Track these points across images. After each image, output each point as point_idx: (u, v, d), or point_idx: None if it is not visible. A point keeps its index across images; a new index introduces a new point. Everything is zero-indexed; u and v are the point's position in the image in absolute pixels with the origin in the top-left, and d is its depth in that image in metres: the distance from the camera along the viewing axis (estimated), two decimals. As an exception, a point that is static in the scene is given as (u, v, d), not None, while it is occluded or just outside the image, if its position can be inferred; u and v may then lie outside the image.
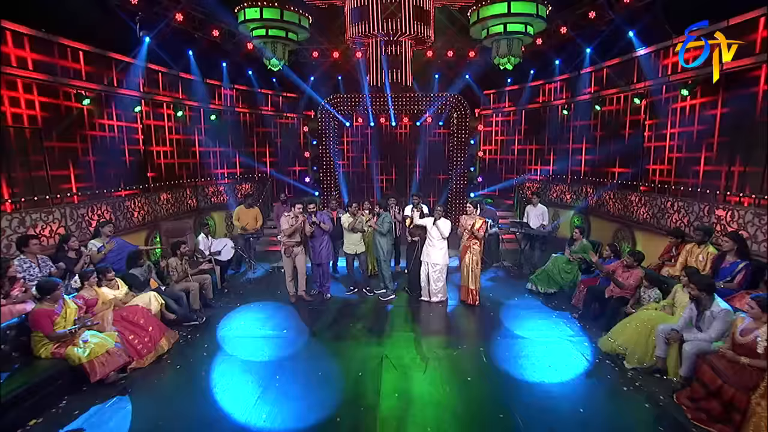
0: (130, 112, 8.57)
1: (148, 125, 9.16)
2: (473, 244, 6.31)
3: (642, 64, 8.33)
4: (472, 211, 6.33)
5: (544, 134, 11.87)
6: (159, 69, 9.16)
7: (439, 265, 6.36)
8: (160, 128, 9.53)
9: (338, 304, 6.44)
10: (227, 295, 6.86)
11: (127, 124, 8.64)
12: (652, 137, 8.61)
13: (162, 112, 9.55)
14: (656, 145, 8.49)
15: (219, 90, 11.04)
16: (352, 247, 6.72)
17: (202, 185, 10.32)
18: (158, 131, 9.45)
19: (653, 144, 8.58)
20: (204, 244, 7.21)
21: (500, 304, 6.41)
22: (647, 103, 8.61)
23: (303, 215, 6.21)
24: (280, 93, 12.86)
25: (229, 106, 11.45)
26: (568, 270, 6.69)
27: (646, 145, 8.73)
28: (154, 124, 9.40)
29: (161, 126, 9.60)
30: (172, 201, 8.91)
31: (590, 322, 5.63)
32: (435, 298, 6.46)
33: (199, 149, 10.59)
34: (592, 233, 9.27)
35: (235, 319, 5.85)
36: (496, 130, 13.26)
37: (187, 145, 10.21)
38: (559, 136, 11.32)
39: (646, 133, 8.73)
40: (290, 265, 6.35)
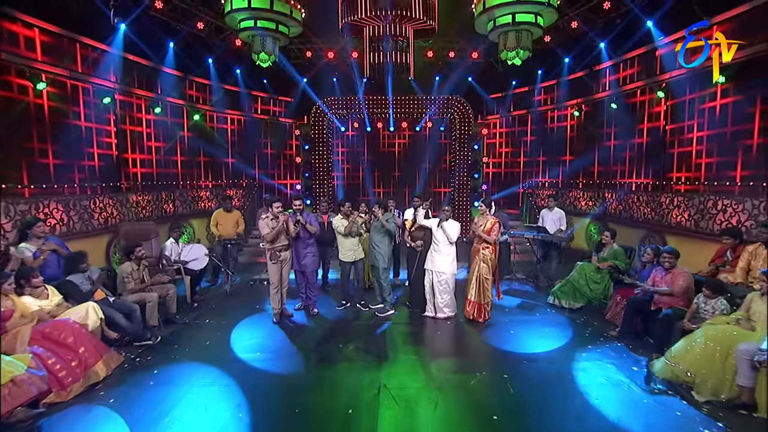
0: (101, 104, 7.66)
1: (123, 119, 8.23)
2: (484, 249, 5.34)
3: (664, 54, 7.59)
4: (484, 210, 5.39)
5: (553, 138, 11.06)
6: (137, 60, 8.33)
7: (446, 275, 5.38)
8: (136, 123, 8.59)
9: (327, 321, 5.41)
10: (196, 310, 5.81)
11: (98, 125, 7.72)
12: (675, 137, 7.79)
13: (140, 106, 8.64)
14: (680, 145, 7.66)
15: (206, 89, 10.23)
16: (350, 253, 5.73)
17: (183, 188, 9.37)
18: (134, 126, 8.51)
19: (677, 150, 7.75)
20: (172, 250, 6.21)
21: (520, 322, 5.39)
22: (668, 96, 7.82)
23: (285, 214, 5.25)
24: (273, 96, 12.08)
25: (220, 107, 10.63)
26: (598, 280, 5.71)
27: (668, 141, 7.91)
28: (130, 117, 8.48)
29: (138, 120, 8.67)
30: (144, 204, 7.93)
31: (634, 341, 4.63)
32: (441, 313, 5.45)
33: (180, 149, 9.66)
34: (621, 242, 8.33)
35: (199, 338, 4.80)
36: (501, 132, 12.45)
37: (168, 145, 9.27)
38: (572, 139, 10.53)
39: (668, 128, 7.91)
40: (277, 273, 5.33)
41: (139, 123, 8.63)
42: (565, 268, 7.36)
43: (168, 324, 5.16)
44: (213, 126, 10.58)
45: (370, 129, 12.80)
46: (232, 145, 11.18)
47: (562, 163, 10.80)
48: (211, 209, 8.86)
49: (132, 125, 8.46)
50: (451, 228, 5.34)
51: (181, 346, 4.53)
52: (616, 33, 8.76)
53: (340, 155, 13.17)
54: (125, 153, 8.29)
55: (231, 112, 11.07)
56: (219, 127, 10.80)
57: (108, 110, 7.81)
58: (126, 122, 8.25)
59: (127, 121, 8.30)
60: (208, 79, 10.22)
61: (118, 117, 8.00)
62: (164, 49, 8.83)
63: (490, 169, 12.61)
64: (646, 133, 8.53)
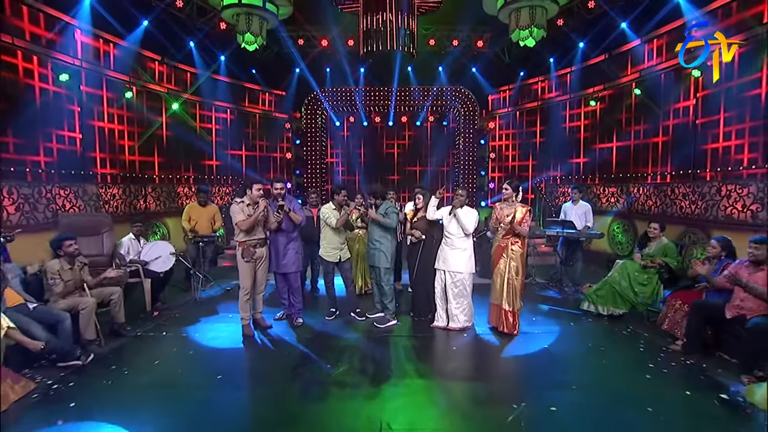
0: (66, 82, 6.59)
1: (89, 104, 7.18)
2: (513, 243, 4.34)
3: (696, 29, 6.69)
4: (510, 195, 4.40)
5: (566, 130, 10.12)
6: (108, 37, 7.36)
7: (463, 275, 4.37)
8: (104, 106, 7.53)
9: (313, 335, 4.36)
10: (155, 320, 4.76)
11: (59, 105, 6.66)
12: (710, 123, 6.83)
13: (112, 88, 7.61)
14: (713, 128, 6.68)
15: (185, 75, 9.27)
16: (334, 252, 4.71)
17: (160, 182, 8.35)
18: (102, 111, 7.46)
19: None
20: (129, 247, 5.18)
21: (553, 333, 4.36)
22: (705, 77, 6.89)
23: (265, 200, 4.25)
24: (266, 89, 11.13)
25: (204, 97, 9.66)
26: (644, 281, 4.69)
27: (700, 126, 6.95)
28: (98, 100, 7.41)
29: (108, 102, 7.61)
30: (108, 197, 6.90)
31: (705, 357, 3.61)
32: (456, 322, 4.42)
33: (158, 140, 8.63)
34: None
35: (148, 356, 3.74)
36: (508, 125, 11.48)
37: (142, 134, 8.22)
38: (587, 130, 9.60)
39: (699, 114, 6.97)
40: (250, 274, 4.30)
41: (109, 106, 7.59)
42: (587, 271, 6.41)
43: (114, 337, 4.11)
44: (195, 116, 9.59)
45: (367, 123, 11.87)
46: (216, 136, 10.18)
47: (577, 156, 9.86)
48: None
49: (99, 110, 7.43)
50: (467, 216, 4.35)
51: (120, 367, 3.47)
52: (641, 10, 7.89)
53: (335, 157, 12.21)
54: (91, 140, 7.23)
55: (218, 103, 10.11)
56: (203, 117, 9.81)
57: (71, 90, 6.78)
58: (92, 109, 7.23)
59: (94, 107, 7.28)
60: (189, 66, 9.28)
61: (84, 102, 6.99)
62: (137, 27, 7.87)
63: (496, 163, 11.62)
64: (676, 115, 7.58)
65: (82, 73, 6.88)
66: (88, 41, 6.98)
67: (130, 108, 7.92)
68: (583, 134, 9.69)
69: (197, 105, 9.62)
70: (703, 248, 6.08)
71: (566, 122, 10.05)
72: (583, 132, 9.71)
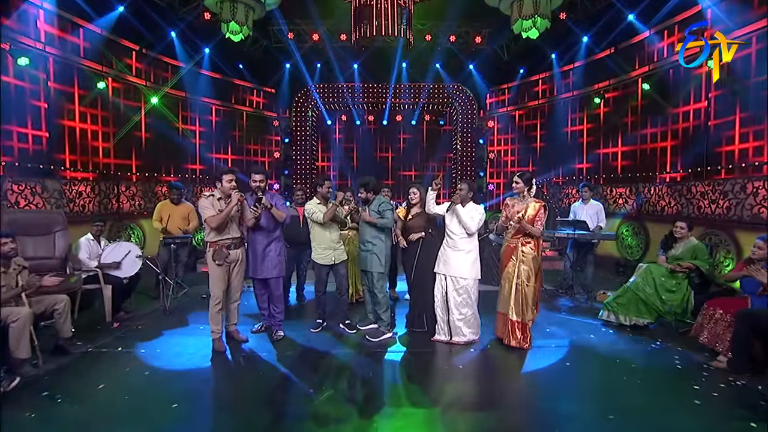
0: (29, 69, 5.94)
1: (57, 94, 6.53)
2: (524, 244, 3.78)
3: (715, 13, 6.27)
4: (522, 189, 3.84)
5: (567, 129, 9.65)
6: (79, 22, 6.74)
7: (467, 281, 3.80)
8: (74, 99, 6.88)
9: (295, 350, 3.75)
10: (113, 332, 4.11)
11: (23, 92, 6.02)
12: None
13: (84, 77, 6.96)
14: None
15: (167, 68, 8.67)
16: (328, 253, 4.13)
17: (137, 180, 7.70)
18: (72, 103, 6.80)
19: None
20: (88, 249, 4.55)
21: (572, 348, 3.80)
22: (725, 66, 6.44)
23: (239, 193, 3.66)
24: (257, 87, 10.56)
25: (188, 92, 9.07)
26: (672, 287, 4.15)
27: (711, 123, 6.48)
28: (67, 91, 6.75)
29: (79, 96, 6.95)
30: (73, 195, 6.26)
31: (757, 376, 3.06)
32: (459, 336, 3.84)
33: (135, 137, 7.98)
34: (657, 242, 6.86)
35: (92, 379, 3.10)
36: (508, 126, 11.00)
37: (119, 128, 7.57)
38: (591, 129, 9.13)
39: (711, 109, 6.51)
40: (223, 280, 3.69)
41: (81, 100, 6.95)
42: (596, 276, 5.89)
43: (57, 354, 3.46)
44: (177, 113, 8.97)
45: (360, 122, 11.34)
46: (201, 137, 9.56)
47: (580, 155, 9.37)
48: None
49: (69, 103, 6.78)
50: (469, 213, 3.79)
51: (53, 394, 2.83)
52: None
53: (326, 160, 11.64)
54: (60, 132, 6.57)
55: (204, 100, 9.50)
56: (186, 114, 9.19)
57: (36, 78, 6.15)
58: (62, 100, 6.59)
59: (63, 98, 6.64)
60: (171, 58, 8.69)
61: (50, 90, 6.36)
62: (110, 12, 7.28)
63: (494, 168, 11.13)
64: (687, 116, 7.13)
65: (48, 60, 6.27)
66: (51, 25, 6.37)
67: (103, 99, 7.29)
68: (588, 132, 9.22)
69: (179, 102, 9.00)
70: (726, 250, 5.57)
71: (569, 121, 9.59)
72: (587, 130, 9.25)
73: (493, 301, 4.05)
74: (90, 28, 6.93)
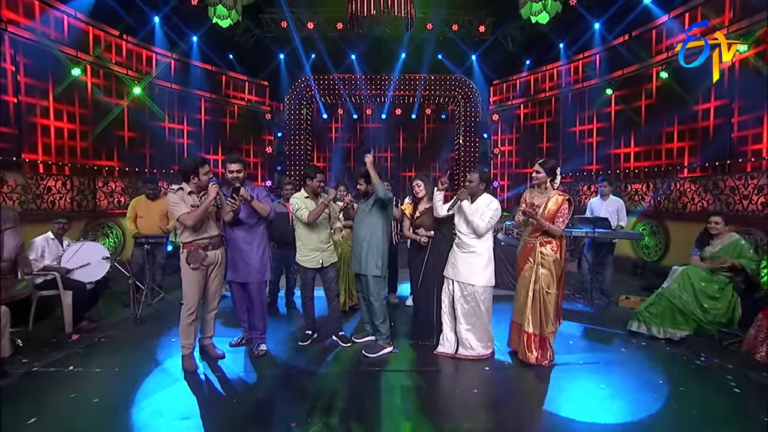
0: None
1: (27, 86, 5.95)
2: (543, 244, 3.24)
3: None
4: (543, 179, 3.30)
5: (575, 124, 9.11)
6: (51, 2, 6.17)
7: (474, 288, 3.26)
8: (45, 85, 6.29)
9: (278, 369, 3.20)
10: (69, 347, 3.55)
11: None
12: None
13: (56, 63, 6.36)
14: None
15: (146, 53, 8.08)
16: (313, 255, 3.58)
17: (118, 176, 7.13)
18: (39, 92, 6.22)
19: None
20: (44, 249, 4.00)
21: (598, 365, 3.26)
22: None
23: (215, 185, 3.12)
24: (251, 79, 9.98)
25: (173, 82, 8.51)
26: (715, 293, 3.60)
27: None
28: (39, 77, 6.16)
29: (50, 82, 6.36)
30: (41, 190, 5.69)
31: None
32: (467, 349, 3.31)
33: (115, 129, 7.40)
34: (682, 243, 6.34)
35: (28, 408, 2.54)
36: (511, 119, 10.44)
37: (97, 120, 6.99)
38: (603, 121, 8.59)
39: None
40: (197, 284, 3.15)
41: (53, 88, 6.36)
42: (613, 280, 5.37)
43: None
44: (163, 107, 8.40)
45: (357, 116, 10.79)
46: (188, 131, 8.99)
47: (589, 151, 8.84)
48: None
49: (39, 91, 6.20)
50: (479, 209, 3.25)
51: (-29, 431, 2.28)
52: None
53: (322, 161, 11.07)
54: (32, 119, 5.99)
55: (195, 92, 8.92)
56: (172, 107, 8.63)
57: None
58: (33, 90, 6.01)
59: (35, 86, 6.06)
60: (154, 45, 8.11)
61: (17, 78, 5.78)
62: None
63: (497, 170, 10.56)
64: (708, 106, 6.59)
65: (18, 44, 5.70)
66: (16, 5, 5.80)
67: (79, 88, 6.72)
68: (600, 126, 8.68)
69: (165, 94, 8.43)
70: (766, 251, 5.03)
71: (578, 113, 9.04)
72: (598, 123, 8.71)
73: (504, 307, 3.51)
74: (64, 9, 6.36)
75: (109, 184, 6.91)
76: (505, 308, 3.62)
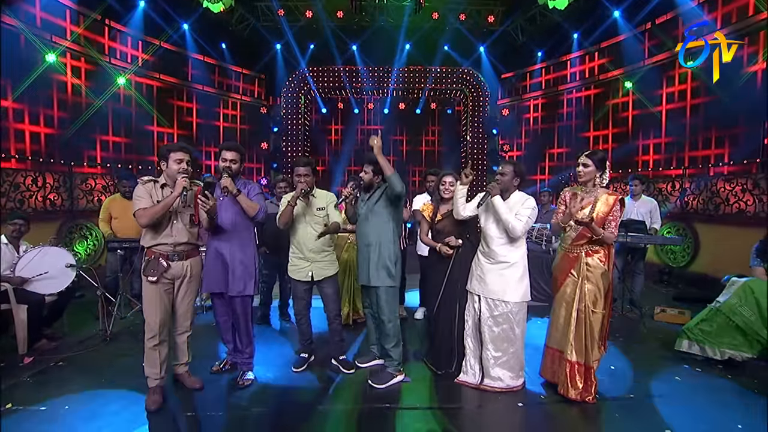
0: None
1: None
2: (589, 254, 2.67)
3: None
4: (591, 175, 2.71)
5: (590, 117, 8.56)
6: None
7: (508, 306, 2.70)
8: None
9: (266, 405, 2.62)
10: (18, 373, 2.97)
11: None
12: None
13: (31, 45, 5.76)
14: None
15: (137, 44, 7.49)
16: (301, 265, 3.02)
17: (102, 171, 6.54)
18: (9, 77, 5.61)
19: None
20: None
21: (652, 398, 2.69)
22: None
23: (186, 178, 2.54)
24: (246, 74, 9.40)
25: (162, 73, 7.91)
26: (786, 312, 3.06)
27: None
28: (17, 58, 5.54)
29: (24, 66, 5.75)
30: (6, 188, 5.10)
31: None
32: (494, 380, 2.74)
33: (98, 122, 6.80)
34: (714, 248, 5.80)
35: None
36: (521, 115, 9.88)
37: (75, 114, 6.40)
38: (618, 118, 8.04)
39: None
40: (158, 302, 2.57)
41: (26, 75, 5.76)
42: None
43: None
44: (151, 99, 7.81)
45: (358, 111, 10.22)
46: (179, 123, 8.41)
47: (605, 144, 8.28)
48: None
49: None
50: (512, 208, 2.69)
51: None
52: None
53: (321, 164, 10.49)
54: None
55: (196, 86, 8.33)
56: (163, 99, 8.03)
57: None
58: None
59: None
60: (142, 32, 7.52)
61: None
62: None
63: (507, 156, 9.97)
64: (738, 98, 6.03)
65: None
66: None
67: (54, 75, 6.13)
68: (618, 120, 8.13)
69: (153, 85, 7.84)
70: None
71: (593, 108, 8.49)
72: (611, 122, 8.16)
73: (529, 324, 2.95)
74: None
75: (87, 181, 6.31)
76: (529, 326, 3.05)
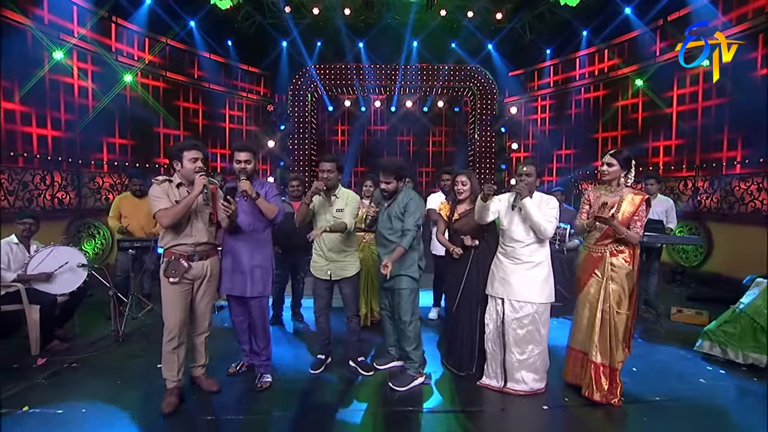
0: None
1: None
2: (614, 254, 2.61)
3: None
4: (616, 174, 2.65)
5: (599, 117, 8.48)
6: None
7: (534, 307, 2.65)
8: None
9: (284, 409, 2.57)
10: (31, 376, 2.93)
11: None
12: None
13: (36, 42, 5.70)
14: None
15: (144, 42, 7.43)
16: (321, 263, 2.99)
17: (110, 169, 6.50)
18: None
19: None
20: (9, 256, 3.38)
21: (683, 405, 2.63)
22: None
23: (205, 177, 2.49)
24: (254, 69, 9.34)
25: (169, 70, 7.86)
26: (814, 314, 3.00)
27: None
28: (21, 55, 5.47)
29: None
30: (13, 186, 5.06)
31: None
32: (518, 383, 2.69)
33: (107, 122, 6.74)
34: (728, 248, 5.73)
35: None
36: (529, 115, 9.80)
37: (82, 110, 6.34)
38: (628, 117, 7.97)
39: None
40: (180, 303, 2.53)
41: (30, 72, 5.70)
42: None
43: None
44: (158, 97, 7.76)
45: (365, 109, 10.16)
46: (185, 122, 8.37)
47: (614, 144, 8.21)
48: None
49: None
50: (544, 208, 2.63)
51: None
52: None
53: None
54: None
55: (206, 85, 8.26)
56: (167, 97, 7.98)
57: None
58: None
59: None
60: (146, 29, 7.45)
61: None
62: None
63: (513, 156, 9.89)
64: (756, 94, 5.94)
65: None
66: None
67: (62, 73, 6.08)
68: (620, 122, 8.05)
69: (159, 81, 7.79)
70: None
71: (602, 106, 8.41)
72: (620, 121, 8.08)
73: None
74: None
75: (95, 180, 6.27)
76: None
